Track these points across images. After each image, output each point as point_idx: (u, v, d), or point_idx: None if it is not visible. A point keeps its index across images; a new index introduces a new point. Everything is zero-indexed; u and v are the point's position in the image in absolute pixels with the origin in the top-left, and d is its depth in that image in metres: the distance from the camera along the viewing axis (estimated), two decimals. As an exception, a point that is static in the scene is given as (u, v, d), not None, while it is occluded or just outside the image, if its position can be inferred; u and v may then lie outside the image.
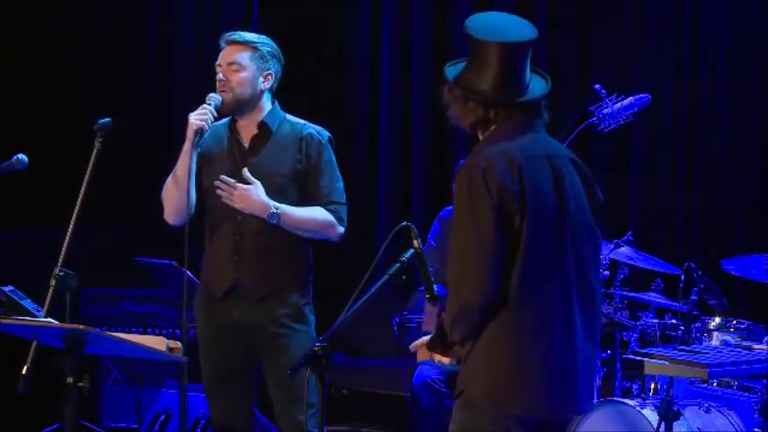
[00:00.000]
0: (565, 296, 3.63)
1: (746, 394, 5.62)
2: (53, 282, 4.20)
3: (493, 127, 3.71)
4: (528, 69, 3.73)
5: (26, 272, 5.91)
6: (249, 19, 7.89)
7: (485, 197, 3.55)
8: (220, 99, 4.79)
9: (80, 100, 7.61)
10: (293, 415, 4.76)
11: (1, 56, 7.73)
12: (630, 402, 5.50)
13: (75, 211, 4.32)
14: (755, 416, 5.54)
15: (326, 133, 4.93)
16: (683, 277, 5.59)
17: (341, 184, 4.91)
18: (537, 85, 3.75)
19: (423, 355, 3.97)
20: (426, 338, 4.00)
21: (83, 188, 4.34)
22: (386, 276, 3.95)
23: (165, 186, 4.85)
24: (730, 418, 5.52)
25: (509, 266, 3.56)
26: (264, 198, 4.73)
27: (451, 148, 7.39)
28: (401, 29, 7.71)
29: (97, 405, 6.95)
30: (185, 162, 4.76)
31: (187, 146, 4.75)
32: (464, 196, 3.59)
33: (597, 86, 5.58)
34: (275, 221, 4.74)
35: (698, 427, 5.42)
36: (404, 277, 3.99)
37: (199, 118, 4.73)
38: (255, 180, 4.74)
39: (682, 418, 5.31)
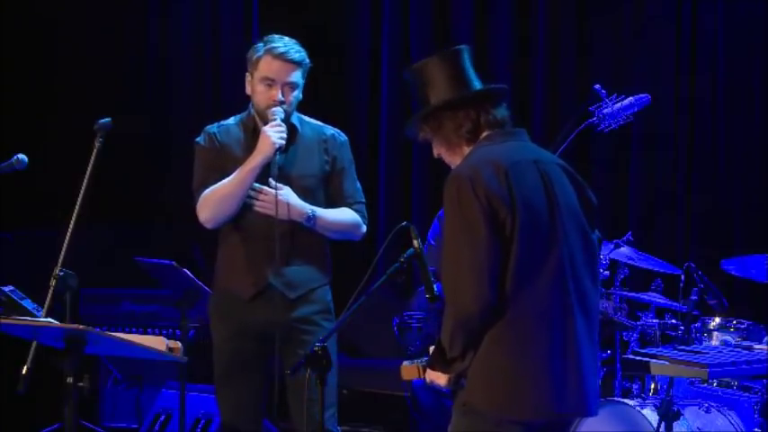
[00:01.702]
0: (562, 299, 3.63)
1: (746, 394, 5.63)
2: (53, 282, 4.20)
3: (485, 133, 3.73)
4: (476, 78, 3.82)
5: (26, 272, 5.91)
6: (249, 21, 7.88)
7: (474, 203, 3.56)
8: (284, 113, 4.77)
9: (80, 100, 7.61)
10: (312, 414, 4.73)
11: (1, 56, 7.73)
12: (630, 402, 5.50)
13: (76, 211, 4.32)
14: (755, 416, 5.54)
15: (344, 134, 4.98)
16: (683, 277, 5.59)
17: (359, 184, 4.98)
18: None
19: (409, 375, 3.94)
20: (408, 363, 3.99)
21: (83, 188, 4.34)
22: (386, 276, 3.96)
23: (212, 193, 4.78)
24: (730, 418, 5.52)
25: (503, 272, 3.57)
26: (300, 202, 4.75)
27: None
28: (401, 29, 7.70)
29: (97, 405, 6.95)
30: (250, 177, 4.72)
31: (259, 161, 4.71)
32: (453, 205, 3.61)
33: (597, 86, 5.58)
34: (312, 225, 4.75)
35: (698, 427, 5.43)
36: (404, 277, 4.00)
37: (280, 136, 4.72)
38: (284, 186, 4.74)
39: (682, 418, 5.32)
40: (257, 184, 4.76)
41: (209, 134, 4.92)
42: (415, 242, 4.05)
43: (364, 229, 4.93)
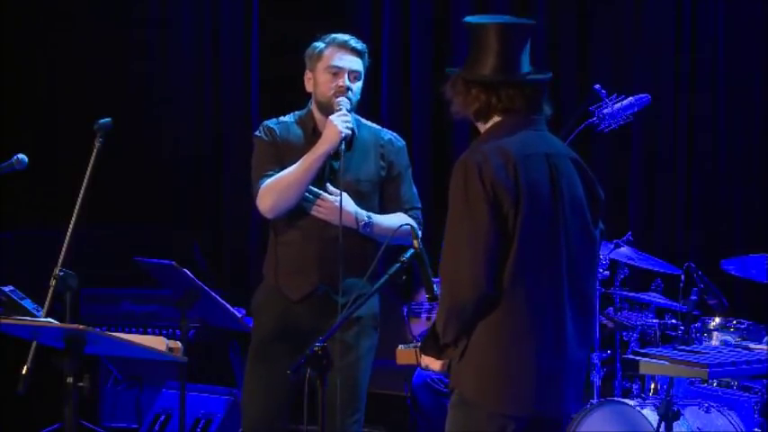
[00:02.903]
0: (556, 297, 3.64)
1: (746, 394, 5.63)
2: (53, 282, 4.20)
3: (495, 118, 3.72)
4: (527, 58, 3.76)
5: (26, 272, 5.91)
6: (249, 22, 7.88)
7: (480, 191, 3.56)
8: (349, 104, 4.77)
9: (80, 100, 7.61)
10: (341, 417, 4.70)
11: (1, 56, 7.73)
12: (630, 402, 5.50)
13: (76, 211, 4.32)
14: (755, 416, 5.54)
15: (401, 139, 4.97)
16: (683, 277, 5.59)
17: (415, 189, 4.96)
18: (538, 75, 3.79)
19: (404, 359, 3.95)
20: (403, 347, 4.00)
21: (83, 188, 4.34)
22: (386, 276, 3.96)
23: (275, 181, 4.73)
24: (730, 418, 5.52)
25: (502, 263, 3.57)
26: (356, 208, 4.72)
27: (452, 148, 7.38)
28: (401, 30, 7.70)
29: (97, 405, 6.95)
30: (315, 165, 4.70)
31: (325, 150, 4.69)
32: (459, 190, 3.60)
33: (597, 86, 5.58)
34: (368, 231, 4.74)
35: (698, 427, 5.43)
36: (404, 277, 3.99)
37: (346, 125, 4.71)
38: (341, 191, 4.72)
39: (682, 418, 5.31)
40: (315, 188, 4.74)
41: (268, 128, 4.87)
42: (415, 242, 4.05)
43: (419, 234, 4.90)
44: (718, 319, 5.72)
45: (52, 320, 4.12)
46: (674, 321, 5.76)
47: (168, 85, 8.00)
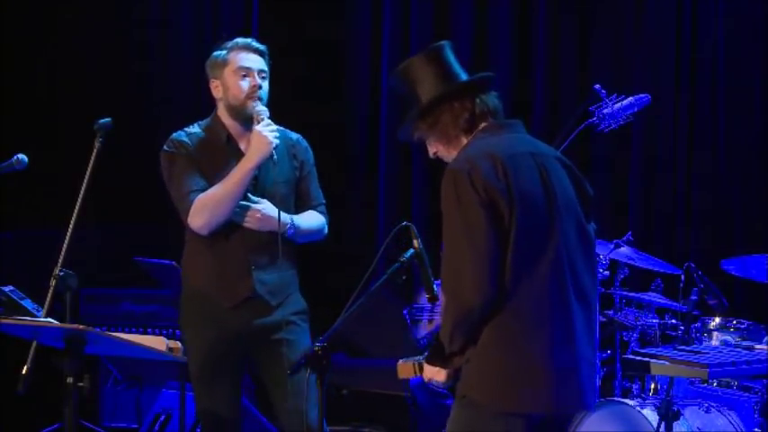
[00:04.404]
0: (560, 292, 3.64)
1: (746, 394, 5.63)
2: (53, 282, 4.20)
3: (482, 124, 3.74)
4: (462, 71, 3.84)
5: (26, 272, 5.91)
6: (249, 23, 7.88)
7: (473, 196, 3.57)
8: (268, 112, 4.81)
9: (80, 100, 7.61)
10: (299, 411, 4.73)
11: (1, 55, 7.73)
12: (630, 402, 5.50)
13: (76, 211, 4.32)
14: (755, 416, 5.54)
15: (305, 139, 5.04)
16: (683, 277, 5.59)
17: (318, 186, 5.03)
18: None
19: (405, 372, 3.96)
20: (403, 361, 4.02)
21: (83, 188, 4.34)
22: (386, 276, 3.96)
23: (208, 197, 4.75)
24: (730, 418, 5.52)
25: (502, 264, 3.57)
26: (279, 214, 4.75)
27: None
28: (402, 29, 7.70)
29: (97, 405, 6.95)
30: (247, 177, 4.72)
31: (257, 161, 4.72)
32: (452, 199, 3.61)
33: (597, 86, 5.58)
34: (292, 233, 4.78)
35: (698, 427, 5.43)
36: (404, 277, 3.99)
37: (275, 135, 4.75)
38: (261, 199, 4.77)
39: (682, 418, 5.32)
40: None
41: (179, 142, 4.88)
42: (415, 242, 4.05)
43: (326, 230, 4.98)
44: (718, 319, 5.72)
45: (52, 320, 4.12)
46: (674, 321, 5.76)
47: (168, 85, 8.00)
